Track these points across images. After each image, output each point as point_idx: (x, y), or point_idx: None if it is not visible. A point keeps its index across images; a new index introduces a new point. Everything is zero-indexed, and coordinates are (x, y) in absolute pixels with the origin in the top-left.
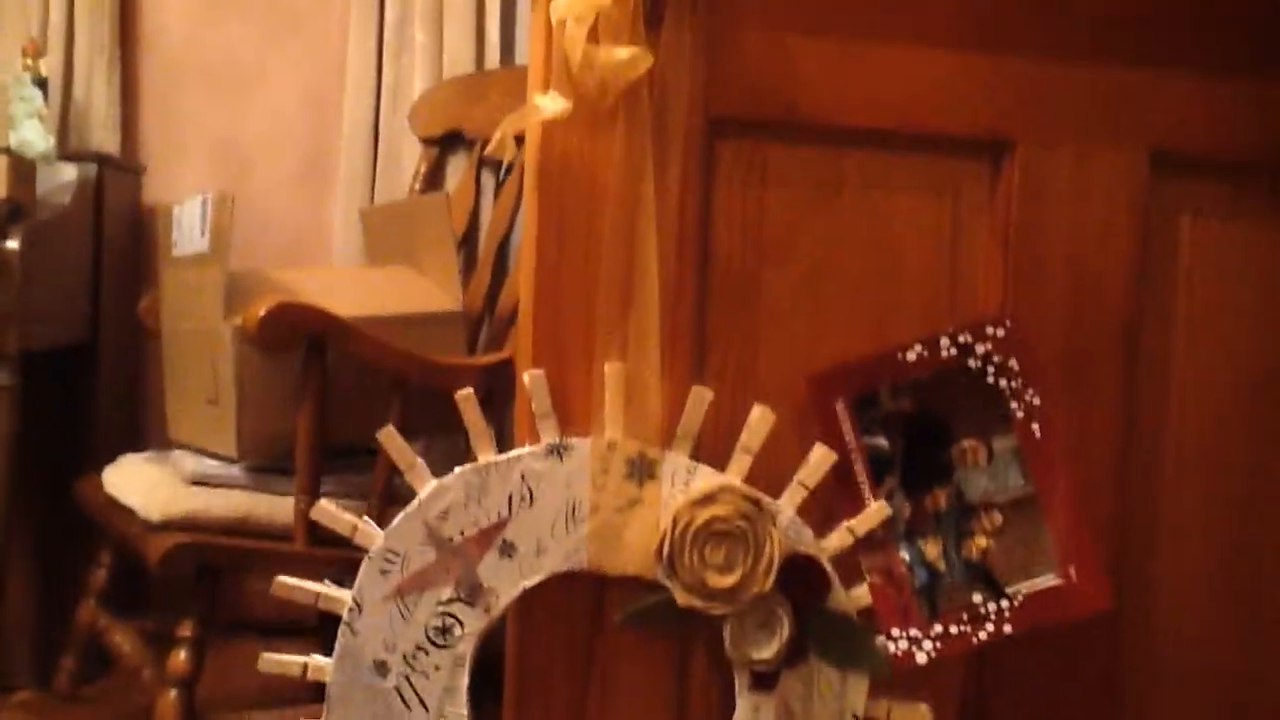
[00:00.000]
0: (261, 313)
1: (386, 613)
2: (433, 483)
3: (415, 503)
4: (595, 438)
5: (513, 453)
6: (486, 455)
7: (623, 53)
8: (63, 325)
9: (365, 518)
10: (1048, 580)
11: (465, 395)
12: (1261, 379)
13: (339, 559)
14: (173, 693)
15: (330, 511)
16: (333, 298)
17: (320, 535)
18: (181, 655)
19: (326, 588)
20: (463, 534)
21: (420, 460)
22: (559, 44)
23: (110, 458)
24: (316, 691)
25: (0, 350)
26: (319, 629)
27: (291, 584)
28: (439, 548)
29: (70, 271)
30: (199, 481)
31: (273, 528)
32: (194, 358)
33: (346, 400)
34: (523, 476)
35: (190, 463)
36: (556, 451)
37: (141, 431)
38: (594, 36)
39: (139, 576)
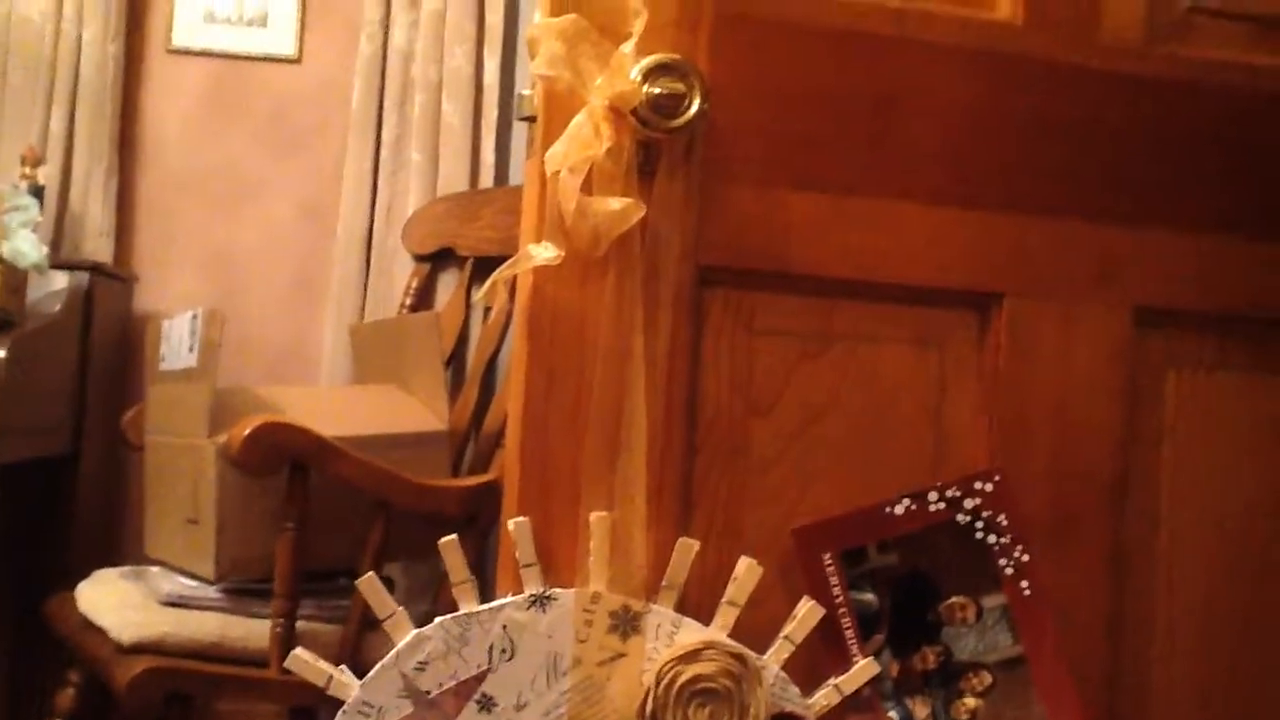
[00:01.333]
0: (246, 432)
1: None
2: (412, 633)
3: (393, 654)
4: (579, 589)
5: (495, 603)
6: (468, 605)
7: (615, 203)
8: (45, 436)
9: (342, 668)
10: None
11: (448, 543)
12: (1250, 528)
13: (312, 688)
14: None
15: (306, 661)
16: (318, 417)
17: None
18: None
19: None
20: (441, 687)
21: (400, 609)
22: (553, 194)
23: (86, 572)
24: None
25: None
26: None
27: None
28: (416, 701)
29: (56, 381)
30: (174, 603)
31: (246, 652)
32: (175, 474)
33: (328, 521)
34: (504, 627)
35: (166, 583)
36: (539, 602)
37: (119, 546)
38: (587, 187)
39: (108, 697)
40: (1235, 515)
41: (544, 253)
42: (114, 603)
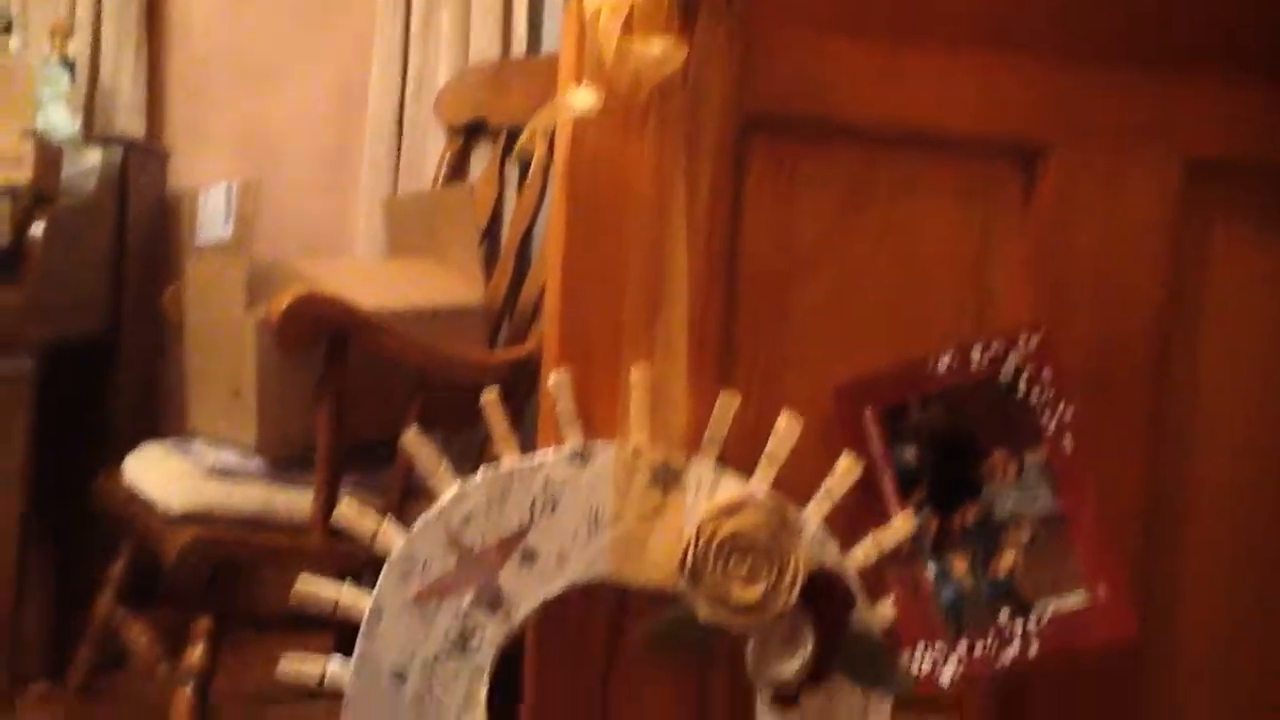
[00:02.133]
0: (283, 306)
1: (405, 620)
2: (455, 487)
3: (436, 508)
4: (620, 443)
5: (535, 458)
6: (510, 460)
7: (656, 46)
8: (84, 314)
9: (388, 518)
10: (1075, 599)
11: (491, 399)
12: None
13: (357, 555)
14: (187, 688)
15: (352, 513)
16: (355, 290)
17: (338, 530)
18: (197, 651)
19: (345, 592)
20: (484, 541)
21: (445, 463)
22: (592, 36)
23: (131, 449)
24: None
25: (21, 340)
26: (338, 622)
27: (311, 588)
28: (459, 554)
29: (93, 259)
30: (219, 473)
31: (291, 522)
32: (216, 349)
33: (367, 394)
34: (545, 483)
35: (210, 455)
36: (580, 457)
37: (162, 422)
38: (628, 29)
39: (156, 568)
40: (1277, 387)
41: (583, 99)
42: (160, 475)
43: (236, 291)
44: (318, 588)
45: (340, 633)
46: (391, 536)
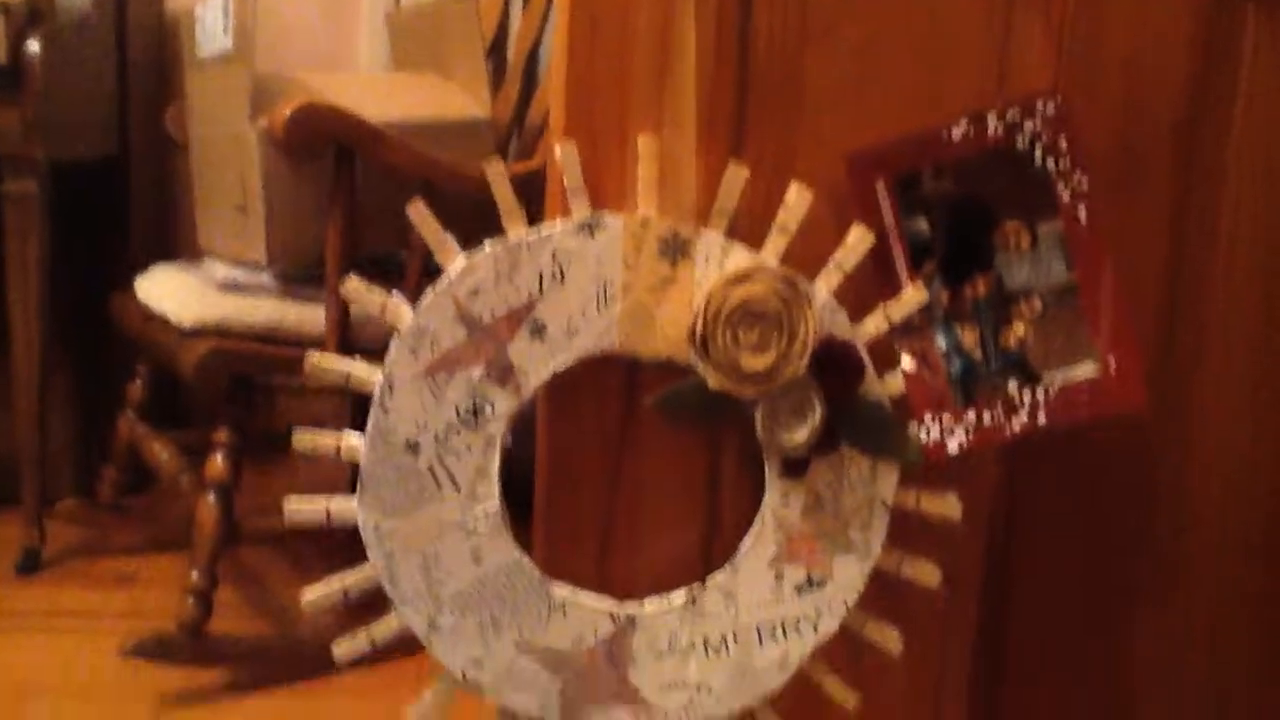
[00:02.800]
0: (287, 114)
1: (418, 392)
2: (462, 259)
3: (444, 280)
4: (628, 214)
5: (543, 229)
6: (517, 232)
7: None
8: (89, 136)
9: (396, 295)
10: (1086, 370)
11: (496, 169)
12: None
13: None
14: (211, 496)
15: (360, 289)
16: (360, 102)
17: (351, 344)
18: (219, 460)
19: (357, 366)
20: (493, 313)
21: (450, 237)
22: None
23: (143, 271)
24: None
25: (27, 157)
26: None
27: (323, 361)
28: (469, 327)
29: (93, 78)
30: (230, 288)
31: (303, 335)
32: (221, 164)
33: (375, 208)
34: (553, 254)
35: (221, 270)
36: (588, 228)
37: (173, 244)
38: None
39: (176, 395)
40: None
41: None
42: (173, 291)
43: (240, 103)
44: (330, 363)
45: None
46: (401, 310)
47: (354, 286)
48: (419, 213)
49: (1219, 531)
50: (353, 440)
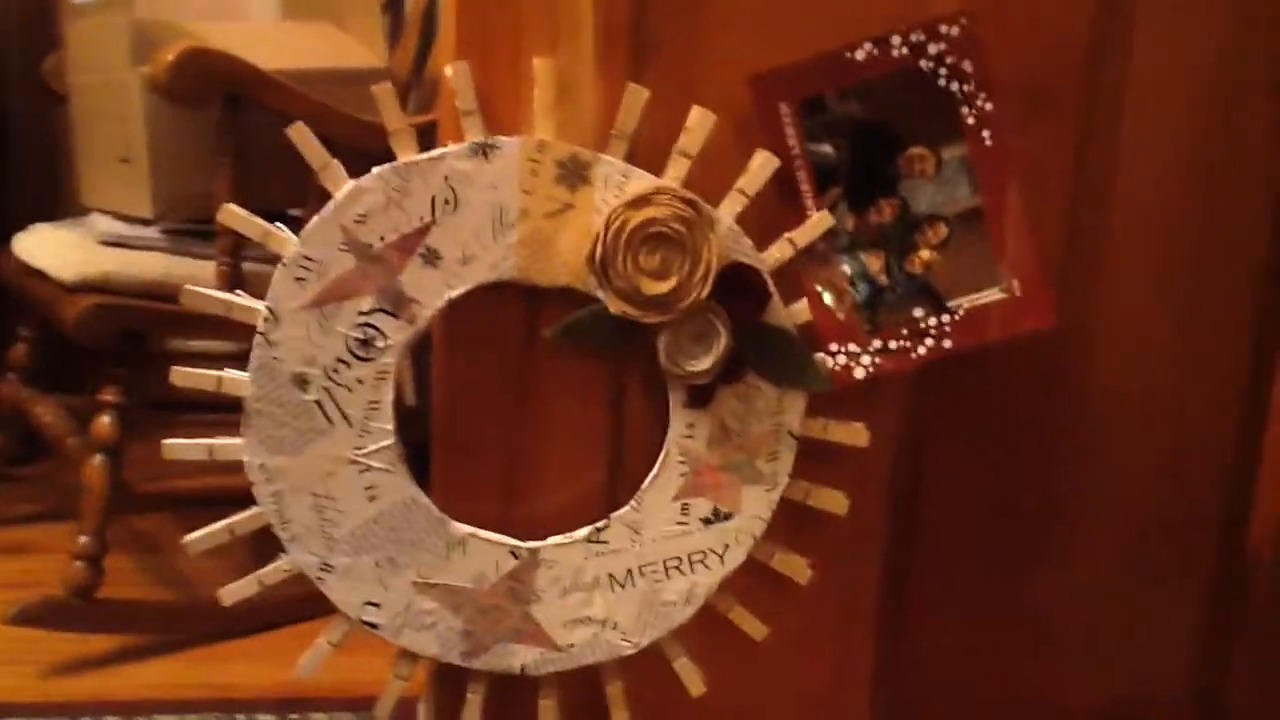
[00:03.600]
0: (170, 58)
1: (304, 324)
2: (350, 184)
3: (331, 205)
4: (524, 137)
5: (436, 151)
6: (407, 154)
7: None
8: None
9: (278, 225)
10: (991, 294)
11: (384, 89)
12: (1218, 95)
13: None
14: (98, 458)
15: (239, 214)
16: (250, 50)
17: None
18: (105, 420)
19: (237, 297)
20: (383, 240)
21: (335, 161)
22: None
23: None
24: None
25: None
26: None
27: (200, 292)
28: (358, 254)
29: None
30: (114, 243)
31: None
32: (103, 114)
33: (267, 161)
34: (446, 178)
35: (104, 224)
36: (482, 151)
37: (56, 204)
38: None
39: (68, 362)
40: (1204, 79)
41: None
42: (53, 247)
43: (120, 49)
44: (204, 297)
45: None
46: (284, 238)
47: (232, 211)
48: (300, 133)
49: (1124, 449)
50: (235, 375)
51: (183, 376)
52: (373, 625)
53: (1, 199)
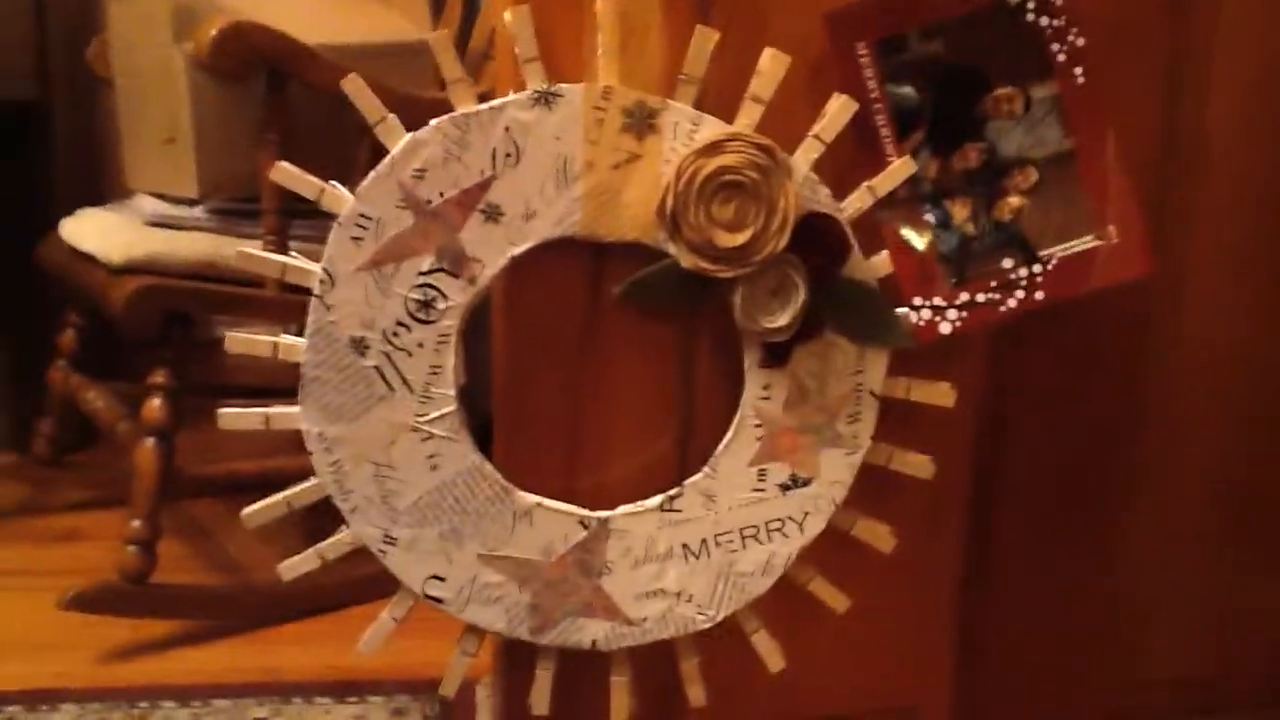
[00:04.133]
0: (214, 33)
1: (362, 285)
2: (407, 137)
3: (387, 161)
4: (588, 85)
5: (496, 102)
6: (465, 105)
7: None
8: (9, 79)
9: (333, 183)
10: (1085, 242)
11: (440, 37)
12: None
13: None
14: (150, 441)
15: (293, 172)
16: (293, 24)
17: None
18: (155, 404)
19: (292, 258)
20: (442, 196)
21: (392, 115)
22: None
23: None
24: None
25: None
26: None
27: (254, 253)
28: (416, 212)
29: (9, 16)
30: (160, 224)
31: (242, 272)
32: (147, 95)
33: (313, 138)
34: (507, 129)
35: (150, 205)
36: (544, 99)
37: (101, 190)
38: None
39: (113, 351)
40: None
41: None
42: (100, 230)
43: (163, 27)
44: (258, 258)
45: None
46: (339, 195)
47: (286, 169)
48: (355, 86)
49: (1212, 400)
50: (291, 340)
51: (238, 343)
52: (437, 600)
53: (44, 187)
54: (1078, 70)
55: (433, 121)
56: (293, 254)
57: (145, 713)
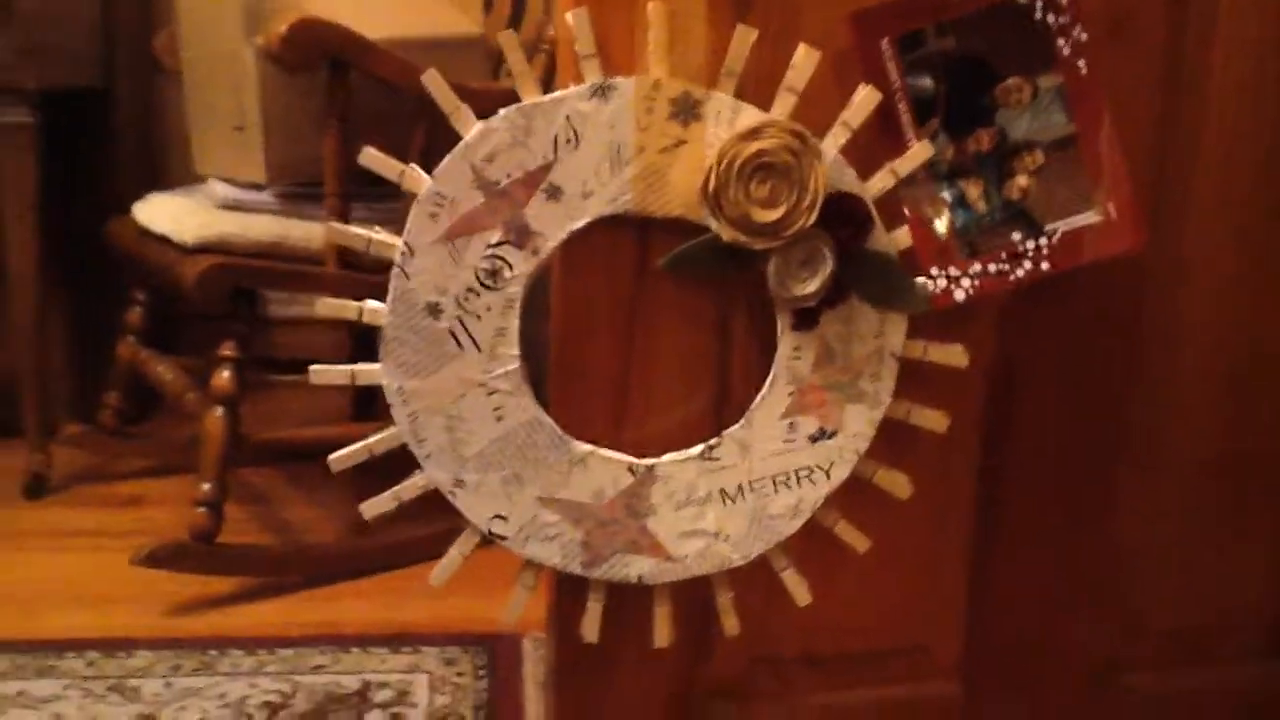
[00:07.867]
0: (283, 30)
1: (437, 256)
2: (479, 125)
3: (461, 146)
4: (640, 77)
5: (557, 94)
6: (530, 96)
7: None
8: (79, 65)
9: (411, 165)
10: (1087, 218)
11: (508, 35)
12: None
13: (370, 283)
14: (219, 410)
15: (378, 156)
16: (353, 18)
17: (350, 260)
18: (224, 374)
19: (378, 234)
20: (509, 177)
21: (465, 106)
22: None
23: (133, 201)
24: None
25: (17, 87)
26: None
27: (342, 228)
28: (486, 191)
29: (77, 10)
30: (230, 207)
31: (306, 252)
32: (217, 84)
33: (372, 123)
34: (567, 117)
35: (221, 189)
36: (601, 92)
37: (163, 176)
38: None
39: (171, 330)
40: None
41: None
42: (173, 212)
43: (234, 22)
44: (346, 233)
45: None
46: (419, 177)
47: (372, 153)
48: (433, 80)
49: (1206, 367)
50: (374, 305)
51: (329, 307)
52: (500, 536)
53: (107, 172)
54: (1081, 62)
55: (501, 111)
56: (376, 229)
57: (214, 660)
